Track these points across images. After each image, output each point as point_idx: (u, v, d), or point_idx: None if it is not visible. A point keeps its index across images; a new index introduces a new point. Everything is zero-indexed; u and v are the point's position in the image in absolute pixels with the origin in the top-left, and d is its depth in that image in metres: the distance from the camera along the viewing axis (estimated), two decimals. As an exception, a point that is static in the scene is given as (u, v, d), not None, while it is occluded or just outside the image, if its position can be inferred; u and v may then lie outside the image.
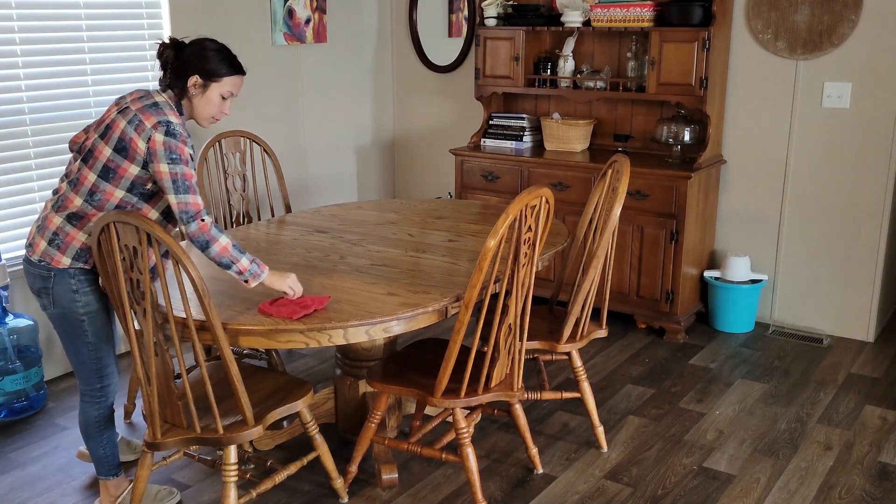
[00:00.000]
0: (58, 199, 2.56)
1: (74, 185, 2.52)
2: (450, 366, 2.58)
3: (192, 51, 2.54)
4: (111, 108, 2.58)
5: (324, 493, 2.96)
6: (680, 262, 4.21)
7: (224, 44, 2.62)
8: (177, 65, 2.53)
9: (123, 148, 2.44)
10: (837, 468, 3.15)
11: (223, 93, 2.58)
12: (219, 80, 2.55)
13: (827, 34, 4.09)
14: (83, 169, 2.51)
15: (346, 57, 5.22)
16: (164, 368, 2.41)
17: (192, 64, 2.52)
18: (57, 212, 2.54)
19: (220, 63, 2.55)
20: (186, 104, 2.58)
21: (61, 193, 2.56)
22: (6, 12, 3.56)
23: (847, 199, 4.21)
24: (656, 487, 3.02)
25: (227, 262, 2.47)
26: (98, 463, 2.79)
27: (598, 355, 4.18)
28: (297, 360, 4.15)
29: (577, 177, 4.42)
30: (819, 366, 4.05)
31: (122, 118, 2.48)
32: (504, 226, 2.40)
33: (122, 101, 2.57)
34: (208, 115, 2.60)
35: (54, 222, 2.53)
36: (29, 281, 2.63)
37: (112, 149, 2.46)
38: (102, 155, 2.47)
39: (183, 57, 2.53)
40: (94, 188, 2.49)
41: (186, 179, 2.42)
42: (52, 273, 2.54)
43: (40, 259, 2.55)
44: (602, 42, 4.69)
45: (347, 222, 3.57)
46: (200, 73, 2.52)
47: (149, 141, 2.41)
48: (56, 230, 2.53)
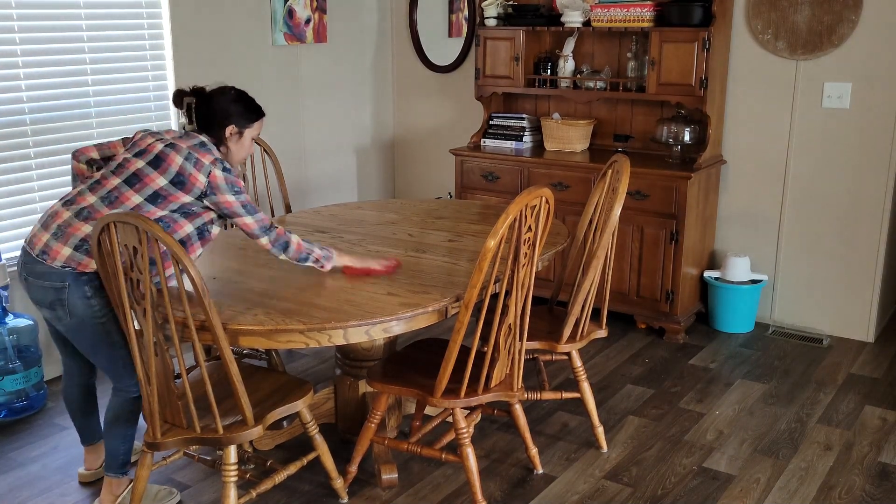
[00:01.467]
0: (83, 210, 2.61)
1: (111, 202, 2.61)
2: (450, 366, 2.58)
3: (223, 102, 2.77)
4: (147, 138, 2.72)
5: (324, 493, 2.96)
6: (680, 263, 4.21)
7: (242, 90, 2.85)
8: (207, 114, 2.77)
9: (181, 182, 2.61)
10: (837, 468, 3.15)
11: (253, 136, 2.85)
12: (251, 126, 2.82)
13: (827, 34, 4.09)
14: (125, 190, 2.61)
15: (346, 57, 5.22)
16: (164, 368, 2.41)
17: (225, 115, 2.76)
18: (85, 221, 2.59)
19: (250, 112, 2.81)
20: (222, 150, 2.79)
21: (88, 205, 2.61)
22: (6, 12, 3.56)
23: (847, 199, 4.21)
24: (656, 487, 3.02)
25: (304, 256, 2.74)
26: (112, 457, 2.80)
27: (597, 355, 4.18)
28: (296, 360, 4.15)
29: (577, 177, 4.42)
30: (819, 366, 4.05)
31: (175, 154, 2.63)
32: (504, 226, 2.40)
33: (158, 135, 2.73)
34: (242, 158, 2.87)
35: (82, 230, 2.58)
36: (37, 295, 2.63)
37: (168, 181, 2.61)
38: (154, 183, 2.61)
39: (213, 107, 2.76)
40: (137, 208, 2.60)
41: (251, 204, 2.69)
42: (66, 283, 2.57)
43: (64, 265, 2.56)
44: (602, 42, 4.69)
45: (347, 222, 3.57)
46: (237, 123, 2.77)
47: (209, 175, 2.62)
48: (85, 237, 2.57)
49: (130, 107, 4.09)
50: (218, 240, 3.32)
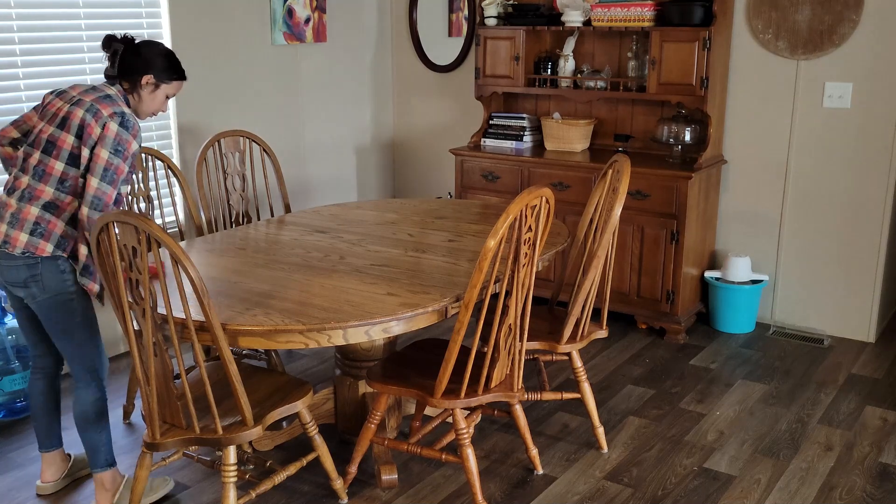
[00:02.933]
0: (24, 193, 2.63)
1: (41, 175, 2.62)
2: (450, 366, 2.57)
3: (148, 52, 2.76)
4: (55, 101, 2.70)
5: (323, 493, 2.96)
6: (680, 263, 4.21)
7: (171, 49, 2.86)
8: (130, 60, 2.73)
9: (81, 134, 2.60)
10: (838, 469, 3.14)
11: (168, 93, 2.82)
12: (169, 83, 2.80)
13: (828, 34, 4.08)
14: (48, 160, 2.62)
15: (345, 56, 5.21)
16: (164, 369, 2.41)
17: (147, 64, 2.74)
18: (30, 202, 2.61)
19: (172, 68, 2.79)
20: (133, 98, 2.77)
21: (25, 187, 2.63)
22: (6, 12, 3.55)
23: (848, 199, 4.21)
24: (657, 488, 3.01)
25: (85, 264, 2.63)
26: (95, 453, 2.78)
27: (598, 356, 4.17)
28: (296, 361, 4.14)
29: (578, 177, 4.41)
30: (820, 366, 4.04)
31: (78, 108, 2.62)
32: (504, 226, 2.39)
33: (65, 94, 2.71)
34: (151, 111, 2.82)
35: (32, 213, 2.60)
36: (10, 276, 2.64)
37: (74, 136, 2.60)
38: (67, 144, 2.61)
39: (137, 55, 2.73)
40: (64, 175, 2.62)
41: (117, 174, 2.59)
42: (37, 261, 2.61)
43: (24, 251, 2.60)
44: (602, 42, 4.69)
45: (347, 222, 3.56)
46: (155, 74, 2.75)
47: (103, 127, 2.58)
48: (36, 220, 2.60)
49: (130, 106, 4.08)
50: (218, 240, 3.32)
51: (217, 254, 3.12)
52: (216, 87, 4.43)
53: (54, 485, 2.98)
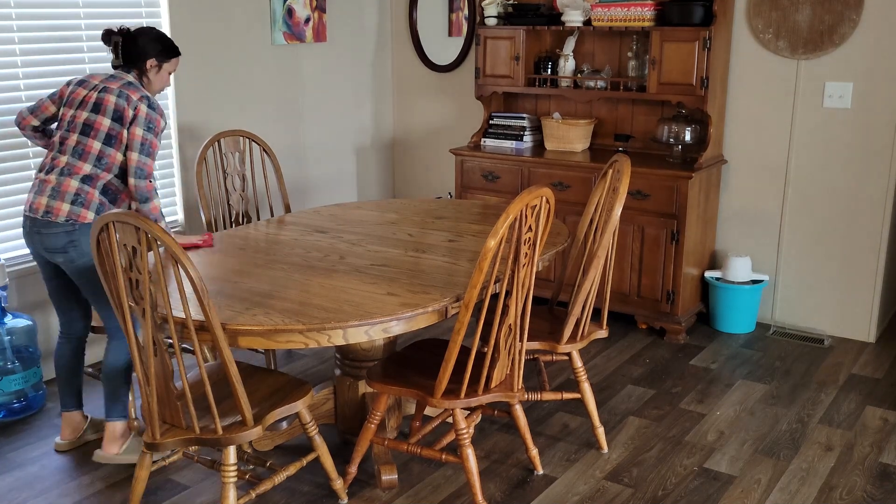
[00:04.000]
0: (63, 169, 2.96)
1: (80, 154, 2.96)
2: (450, 366, 2.57)
3: (145, 39, 3.10)
4: (78, 90, 3.03)
5: (323, 493, 2.96)
6: (681, 263, 4.20)
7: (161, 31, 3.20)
8: (132, 50, 3.08)
9: (119, 117, 2.97)
10: (838, 469, 3.14)
11: (170, 70, 3.18)
12: (169, 60, 3.16)
13: (828, 34, 4.08)
14: (86, 140, 2.96)
15: (345, 56, 5.21)
16: (163, 369, 2.41)
17: (147, 50, 3.09)
18: (70, 177, 2.95)
19: (168, 48, 3.15)
20: (144, 81, 3.13)
21: (65, 165, 2.97)
22: (5, 11, 3.55)
23: (848, 199, 4.20)
24: (657, 488, 3.01)
25: (154, 218, 3.02)
26: (114, 402, 3.07)
27: (598, 356, 4.17)
28: (296, 361, 4.14)
29: (578, 177, 4.41)
30: (820, 366, 4.04)
31: (109, 95, 2.99)
32: (504, 226, 2.39)
33: (87, 83, 3.05)
34: (160, 88, 3.19)
35: (72, 185, 2.94)
36: (48, 242, 2.95)
37: (111, 119, 2.97)
38: (103, 126, 2.97)
39: (136, 43, 3.08)
40: (101, 153, 2.97)
41: (152, 147, 3.01)
42: (76, 227, 2.93)
43: (67, 219, 2.93)
44: (603, 41, 4.68)
45: (347, 222, 3.56)
46: (157, 57, 3.11)
47: (135, 109, 2.98)
48: (77, 191, 2.94)
49: (130, 106, 4.08)
50: (217, 240, 3.31)
51: (217, 254, 3.12)
52: (216, 87, 4.43)
53: (70, 443, 3.25)
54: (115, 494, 2.98)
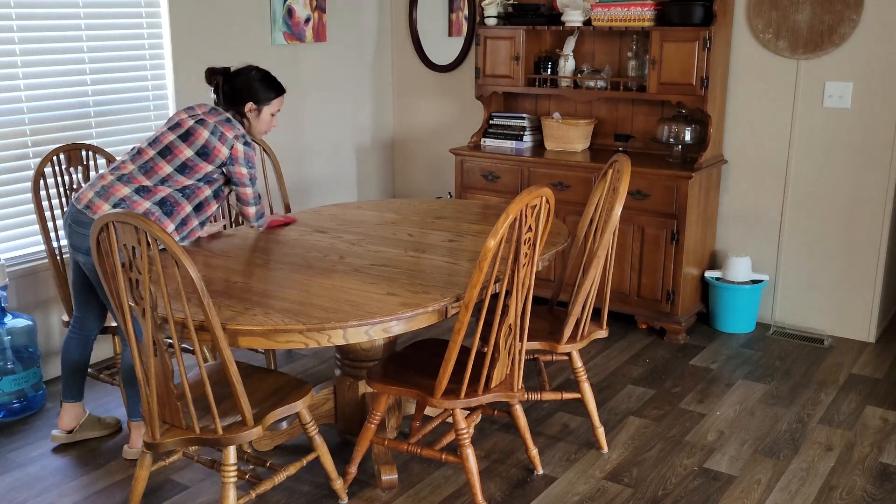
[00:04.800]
0: (123, 176, 2.98)
1: (147, 171, 2.99)
2: (450, 366, 2.57)
3: (243, 81, 3.14)
4: (181, 113, 3.09)
5: (323, 493, 2.95)
6: (681, 263, 4.20)
7: (266, 70, 3.20)
8: (230, 92, 3.13)
9: (206, 153, 3.01)
10: (838, 469, 3.14)
11: (272, 112, 3.20)
12: (268, 103, 3.17)
13: (828, 34, 4.08)
14: (159, 161, 3.00)
15: (345, 56, 5.21)
16: (163, 369, 2.41)
17: (245, 93, 3.12)
18: (125, 184, 2.97)
19: (268, 90, 3.16)
20: (245, 122, 3.18)
21: (127, 173, 2.99)
22: (5, 11, 3.55)
23: (848, 199, 4.20)
24: (657, 488, 3.01)
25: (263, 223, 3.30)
26: (138, 403, 3.06)
27: (598, 356, 4.17)
28: (296, 361, 4.14)
29: (578, 177, 4.41)
30: (820, 366, 4.04)
31: (202, 128, 3.03)
32: (504, 226, 2.39)
33: (192, 110, 3.11)
34: (262, 131, 3.24)
35: (122, 192, 2.95)
36: (77, 240, 2.96)
37: (194, 152, 3.00)
38: (182, 154, 3.00)
39: (235, 86, 3.13)
40: (168, 178, 2.99)
41: (253, 179, 3.13)
42: None
43: None
44: (603, 41, 4.68)
45: (347, 222, 3.56)
46: (254, 100, 3.13)
47: (231, 148, 3.04)
48: (123, 197, 2.94)
49: (129, 107, 4.08)
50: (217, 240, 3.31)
51: (217, 254, 3.12)
52: (216, 87, 4.42)
53: (67, 434, 3.28)
54: (115, 494, 2.98)
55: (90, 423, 3.33)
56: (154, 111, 4.19)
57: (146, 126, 4.15)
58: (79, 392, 3.29)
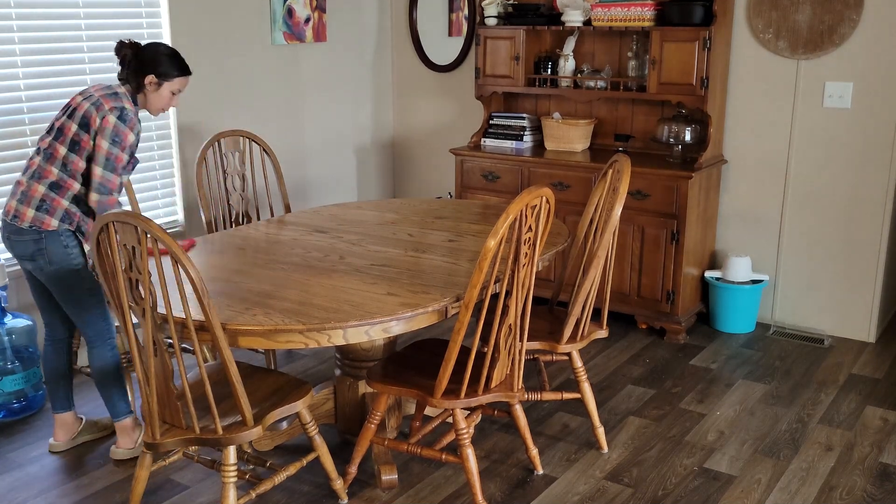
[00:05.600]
0: (34, 172, 2.93)
1: (49, 158, 2.91)
2: (450, 366, 2.57)
3: (149, 54, 3.00)
4: (76, 97, 2.98)
5: (323, 493, 2.95)
6: (681, 263, 4.20)
7: (174, 48, 3.10)
8: (135, 64, 2.99)
9: (85, 123, 2.89)
10: (838, 469, 3.14)
11: (173, 90, 3.05)
12: (170, 79, 3.02)
13: (828, 34, 4.08)
14: (55, 144, 2.91)
15: (345, 56, 5.21)
16: (163, 369, 2.41)
17: (148, 65, 2.98)
18: (38, 181, 2.90)
19: (172, 66, 3.02)
20: (141, 97, 3.03)
21: (36, 167, 2.93)
22: (5, 11, 3.55)
23: (848, 199, 4.20)
24: (657, 488, 3.01)
25: None
26: (115, 404, 3.10)
27: (598, 356, 4.17)
28: (296, 361, 4.14)
29: (578, 177, 4.41)
30: (820, 366, 4.04)
31: (86, 101, 2.92)
32: (504, 226, 2.39)
33: (86, 91, 3.00)
34: (159, 107, 3.07)
35: (39, 191, 2.90)
36: (19, 249, 2.94)
37: (77, 125, 2.89)
38: (70, 131, 2.90)
39: (140, 58, 2.98)
40: (66, 160, 2.91)
41: (116, 162, 2.89)
42: (42, 235, 2.90)
43: (31, 225, 2.89)
44: (603, 41, 4.68)
45: (347, 222, 3.56)
46: (156, 73, 2.98)
47: (103, 119, 2.87)
48: (42, 197, 2.89)
49: (130, 106, 4.08)
50: (217, 240, 3.31)
51: (217, 254, 3.12)
52: (216, 87, 4.43)
53: (65, 444, 3.25)
54: (115, 494, 2.98)
55: (87, 428, 3.32)
56: (154, 111, 4.19)
57: (146, 126, 4.15)
58: (67, 400, 3.23)
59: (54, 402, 3.23)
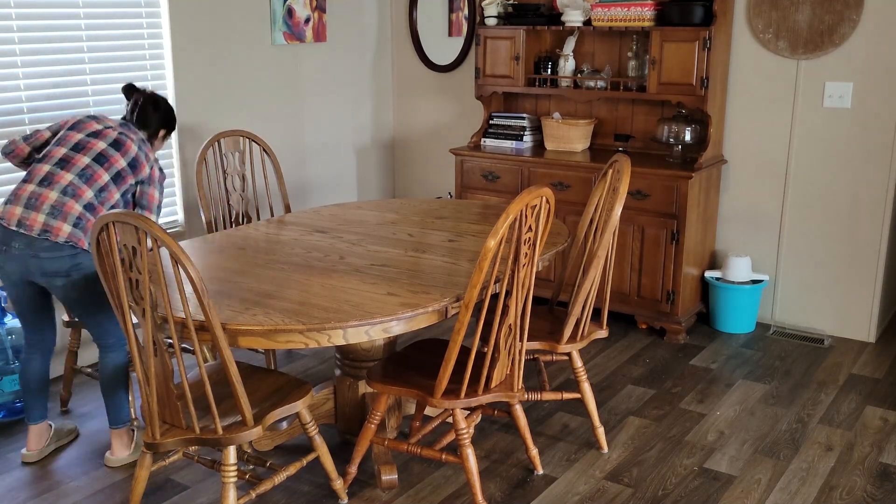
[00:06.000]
0: (67, 188, 2.93)
1: (88, 179, 2.95)
2: (450, 366, 2.57)
3: (166, 109, 3.28)
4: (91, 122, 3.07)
5: (323, 493, 2.96)
6: (681, 263, 4.20)
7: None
8: (151, 115, 3.23)
9: (135, 166, 3.05)
10: (838, 469, 3.14)
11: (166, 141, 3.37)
12: (170, 135, 3.37)
13: (828, 34, 4.08)
14: (97, 168, 2.98)
15: (345, 56, 5.21)
16: (163, 369, 2.41)
17: (164, 121, 3.28)
18: (74, 200, 2.92)
19: (174, 124, 3.36)
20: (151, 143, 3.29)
21: (68, 183, 2.93)
22: (5, 11, 3.55)
23: (848, 199, 4.20)
24: (657, 488, 3.01)
25: None
26: (118, 411, 3.12)
27: (598, 356, 4.17)
28: (296, 361, 4.14)
29: (578, 177, 4.41)
30: (820, 366, 4.04)
31: (130, 141, 3.07)
32: (504, 226, 2.39)
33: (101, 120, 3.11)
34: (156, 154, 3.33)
35: (75, 209, 2.92)
36: (50, 266, 2.90)
37: (126, 163, 3.03)
38: (118, 164, 3.02)
39: (158, 111, 3.25)
40: (106, 187, 2.99)
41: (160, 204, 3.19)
42: (78, 251, 2.93)
43: (67, 240, 2.89)
44: (603, 41, 4.68)
45: (347, 222, 3.56)
46: (167, 129, 3.32)
47: (151, 169, 3.11)
48: (79, 216, 2.92)
49: (130, 106, 4.08)
50: (217, 240, 3.32)
51: (217, 254, 3.12)
52: (216, 87, 4.43)
53: (38, 453, 3.22)
54: (115, 494, 2.98)
55: (55, 435, 3.29)
56: (154, 111, 4.19)
57: (146, 126, 4.15)
58: (45, 409, 3.22)
59: (34, 412, 3.19)
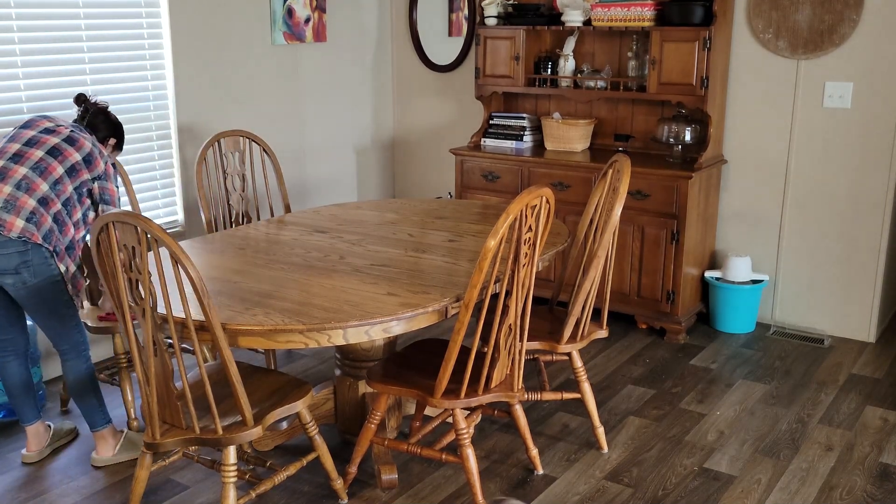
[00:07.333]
0: (20, 182, 2.86)
1: (42, 172, 2.90)
2: (450, 366, 2.57)
3: (115, 123, 3.27)
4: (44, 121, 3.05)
5: (323, 493, 2.96)
6: (681, 263, 4.20)
7: None
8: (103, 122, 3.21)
9: (90, 161, 3.01)
10: (838, 469, 3.14)
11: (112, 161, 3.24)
12: (118, 153, 3.35)
13: (828, 34, 4.08)
14: (51, 161, 2.93)
15: (345, 56, 5.21)
16: (163, 369, 2.41)
17: (113, 129, 3.26)
18: (28, 194, 2.85)
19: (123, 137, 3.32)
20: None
21: (23, 176, 2.87)
22: (5, 11, 3.55)
23: (848, 199, 4.20)
24: (657, 488, 3.01)
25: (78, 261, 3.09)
26: (92, 415, 3.11)
27: (598, 356, 4.17)
28: (296, 361, 4.14)
29: (578, 177, 4.41)
30: (820, 366, 4.04)
31: (83, 137, 3.04)
32: (504, 226, 2.39)
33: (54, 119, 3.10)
34: None
35: (29, 203, 2.84)
36: (1, 263, 2.84)
37: (81, 157, 2.99)
38: (73, 158, 2.97)
39: (109, 120, 3.24)
40: (60, 180, 2.93)
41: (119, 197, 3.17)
42: (28, 247, 2.85)
43: (20, 235, 2.82)
44: (603, 41, 4.68)
45: (347, 222, 3.56)
46: (117, 140, 3.29)
47: (106, 165, 3.07)
48: (32, 210, 2.84)
49: (129, 106, 4.08)
50: (217, 240, 3.32)
51: (217, 254, 3.12)
52: (216, 87, 4.43)
53: (38, 453, 3.22)
54: (115, 494, 2.98)
55: (55, 435, 3.29)
56: (154, 111, 4.19)
57: (146, 126, 4.15)
58: (36, 409, 3.20)
59: (24, 414, 3.17)
